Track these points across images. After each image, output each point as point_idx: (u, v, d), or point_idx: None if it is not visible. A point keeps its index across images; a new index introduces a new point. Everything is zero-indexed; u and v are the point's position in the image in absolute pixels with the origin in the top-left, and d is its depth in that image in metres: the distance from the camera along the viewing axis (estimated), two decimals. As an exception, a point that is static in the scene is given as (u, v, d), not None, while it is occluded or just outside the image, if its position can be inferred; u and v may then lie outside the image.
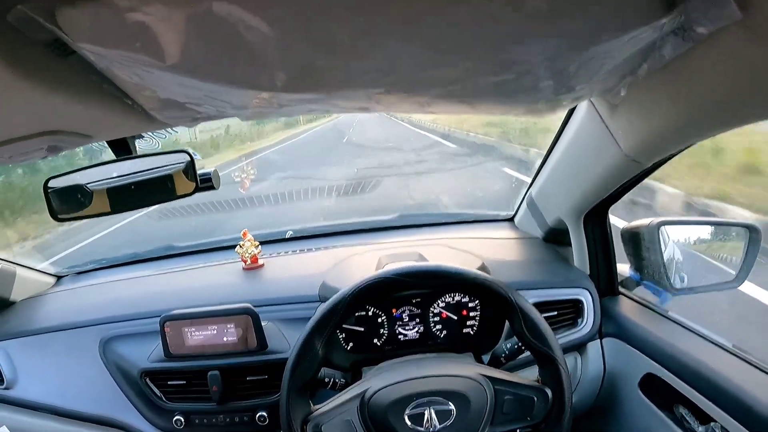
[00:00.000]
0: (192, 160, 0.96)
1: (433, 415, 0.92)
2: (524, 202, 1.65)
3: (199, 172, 0.97)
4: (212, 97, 0.60)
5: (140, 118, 0.71)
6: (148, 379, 1.28)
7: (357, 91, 0.62)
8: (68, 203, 0.97)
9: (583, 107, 1.08)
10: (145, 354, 1.29)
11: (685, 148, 0.93)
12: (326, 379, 1.10)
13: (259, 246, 1.59)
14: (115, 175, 0.97)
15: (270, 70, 0.53)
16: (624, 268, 1.41)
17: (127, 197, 0.98)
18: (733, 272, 1.24)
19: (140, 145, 0.96)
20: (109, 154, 0.92)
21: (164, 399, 1.27)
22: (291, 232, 1.88)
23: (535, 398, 0.96)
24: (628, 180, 1.11)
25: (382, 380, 0.98)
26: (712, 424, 1.01)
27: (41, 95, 0.52)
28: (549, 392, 0.97)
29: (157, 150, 0.98)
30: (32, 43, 0.47)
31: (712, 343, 1.12)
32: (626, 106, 0.89)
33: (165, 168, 0.96)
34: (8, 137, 0.64)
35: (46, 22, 0.43)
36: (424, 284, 1.03)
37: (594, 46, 0.56)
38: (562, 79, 0.67)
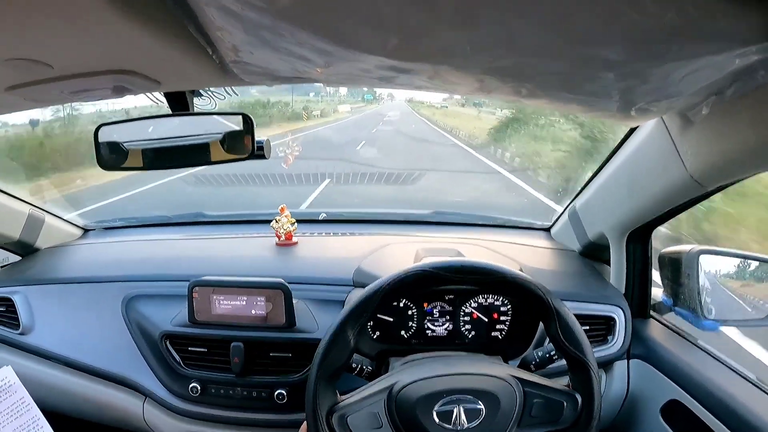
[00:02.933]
0: (251, 124, 0.94)
1: (462, 413, 0.90)
2: (565, 214, 1.62)
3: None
4: (304, 56, 0.57)
5: (216, 70, 0.68)
6: (168, 343, 1.26)
7: (463, 68, 0.60)
8: (117, 153, 0.96)
9: (650, 123, 1.05)
10: (169, 317, 1.28)
11: (754, 174, 0.90)
12: (353, 365, 1.08)
13: (296, 223, 1.57)
14: (169, 131, 0.96)
15: (382, 32, 0.49)
16: (656, 292, 1.38)
17: (177, 155, 0.97)
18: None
19: (197, 104, 0.94)
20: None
21: (182, 365, 1.26)
22: (324, 214, 1.86)
23: (565, 403, 0.94)
24: (686, 201, 1.08)
25: (411, 374, 0.95)
26: None
27: (120, 28, 0.49)
28: (579, 398, 0.94)
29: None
30: None
31: (741, 375, 1.09)
32: (701, 126, 0.86)
33: (222, 129, 0.94)
34: (77, 71, 0.62)
35: None
36: (463, 280, 1.00)
37: (690, 60, 0.54)
38: (646, 87, 0.65)
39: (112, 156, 0.96)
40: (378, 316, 1.26)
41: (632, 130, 1.15)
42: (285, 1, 0.44)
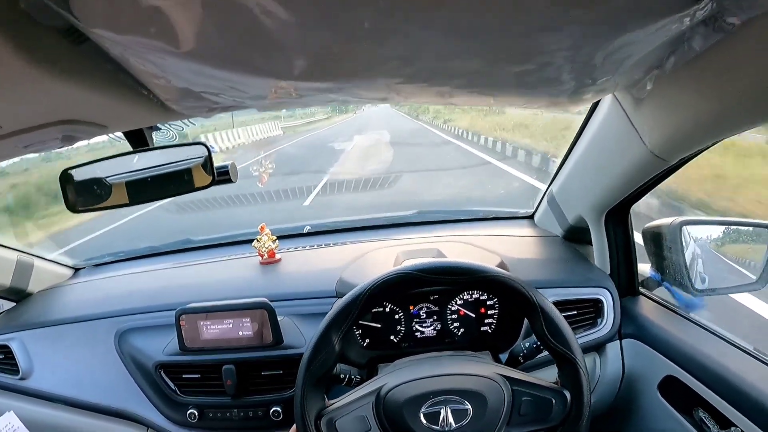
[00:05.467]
0: (209, 153, 0.95)
1: (449, 414, 0.90)
2: (544, 200, 1.62)
3: (216, 165, 0.96)
4: (229, 87, 0.59)
5: (156, 108, 0.69)
6: (162, 372, 1.28)
7: (377, 81, 0.60)
8: (85, 195, 0.97)
9: (606, 102, 1.06)
10: (161, 347, 1.29)
11: (712, 144, 0.90)
12: (342, 376, 1.08)
13: (276, 240, 1.58)
14: (131, 167, 0.97)
15: (288, 58, 0.51)
16: (644, 268, 1.38)
17: (144, 189, 0.97)
18: (755, 275, 1.20)
19: (157, 137, 0.96)
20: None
21: (179, 392, 1.27)
22: (309, 227, 1.88)
23: (554, 400, 0.94)
24: (652, 177, 1.08)
25: (398, 377, 0.96)
26: (732, 429, 0.99)
27: (56, 84, 0.51)
28: (567, 395, 0.94)
29: (174, 142, 0.97)
30: (46, 30, 0.46)
31: (734, 345, 1.09)
32: (652, 101, 0.87)
33: (182, 160, 0.95)
34: (23, 126, 0.63)
35: (59, 8, 0.41)
36: (442, 281, 1.00)
37: (620, 35, 0.53)
38: (586, 70, 0.65)
39: (82, 198, 0.97)
40: (365, 323, 1.27)
41: (592, 110, 1.15)
42: (187, 43, 0.45)
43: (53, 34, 0.46)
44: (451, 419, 0.90)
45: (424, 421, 0.90)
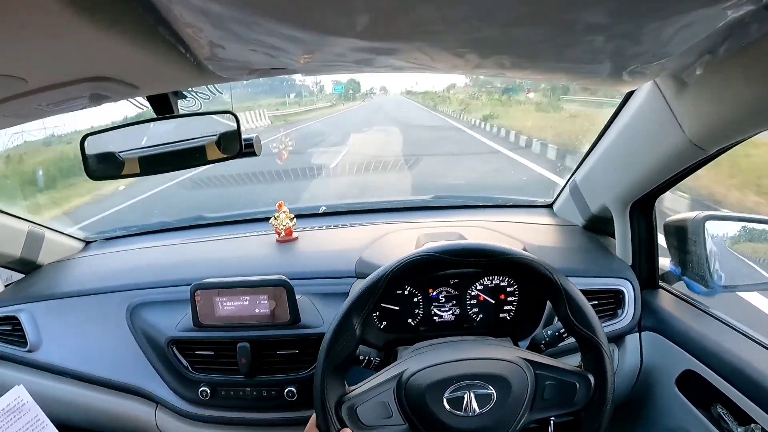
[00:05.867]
0: (238, 122, 0.93)
1: (473, 398, 0.89)
2: (566, 189, 1.60)
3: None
4: (278, 43, 0.55)
5: (192, 69, 0.67)
6: (175, 348, 1.26)
7: (439, 44, 0.58)
8: (105, 164, 0.95)
9: (645, 89, 1.03)
10: (173, 322, 1.27)
11: (754, 134, 0.88)
12: (361, 357, 1.07)
13: (294, 219, 1.56)
14: (154, 135, 0.95)
15: (351, 11, 0.48)
16: (665, 262, 1.37)
17: (166, 159, 0.95)
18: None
19: (182, 105, 0.93)
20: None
21: (191, 369, 1.25)
22: (324, 207, 1.86)
23: (578, 384, 0.92)
24: (687, 167, 1.06)
25: (420, 362, 0.94)
26: (752, 425, 0.97)
27: (93, 35, 0.48)
28: (592, 379, 0.93)
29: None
30: None
31: (755, 341, 1.07)
32: (696, 88, 0.84)
33: (209, 129, 0.93)
34: (51, 82, 0.61)
35: None
36: (467, 263, 0.98)
37: (679, 16, 0.52)
38: (641, 50, 0.64)
39: (101, 165, 0.95)
40: (384, 305, 1.26)
41: (627, 98, 1.13)
42: None
43: None
44: (474, 404, 0.89)
45: (448, 407, 0.89)
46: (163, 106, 0.89)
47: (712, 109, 0.84)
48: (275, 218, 1.55)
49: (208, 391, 1.23)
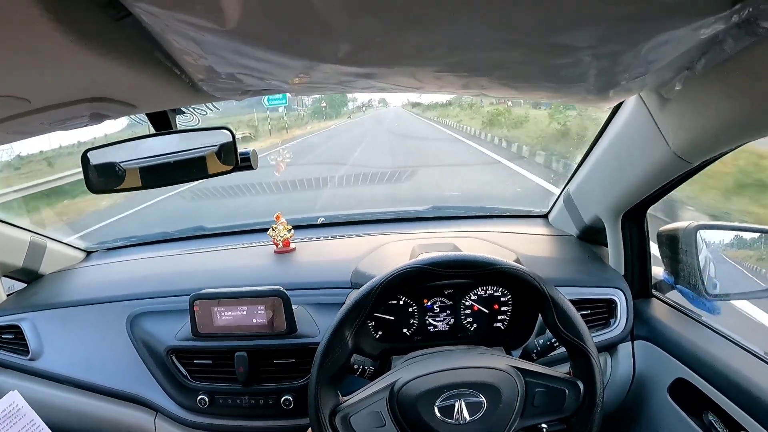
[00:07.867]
0: (233, 138, 0.95)
1: (464, 407, 0.90)
2: (560, 199, 1.62)
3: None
4: (267, 68, 0.58)
5: (187, 89, 0.69)
6: (174, 357, 1.28)
7: (419, 69, 0.60)
8: (105, 177, 0.97)
9: (631, 103, 1.05)
10: (173, 332, 1.29)
11: (736, 147, 0.90)
12: (355, 366, 1.08)
13: (292, 230, 1.58)
14: (153, 150, 0.97)
15: (333, 41, 0.50)
16: (657, 271, 1.38)
17: (165, 173, 0.97)
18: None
19: (180, 121, 0.96)
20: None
21: (189, 378, 1.27)
22: (323, 218, 1.88)
23: (567, 391, 0.94)
24: (673, 179, 1.07)
25: (411, 371, 0.96)
26: None
27: (91, 59, 0.50)
28: (581, 385, 0.95)
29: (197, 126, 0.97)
30: (88, 3, 0.45)
31: (746, 350, 1.08)
32: (678, 102, 0.86)
33: (205, 144, 0.95)
34: (53, 102, 0.63)
35: None
36: (457, 275, 1.00)
37: (654, 36, 0.54)
38: (618, 69, 0.65)
39: (102, 179, 0.97)
40: (379, 315, 1.27)
41: (615, 110, 1.15)
42: (232, 21, 0.45)
43: (95, 7, 0.46)
44: (465, 412, 0.90)
45: (439, 415, 0.90)
46: (162, 122, 0.91)
47: (694, 123, 0.86)
48: (273, 229, 1.56)
49: (207, 400, 1.24)
